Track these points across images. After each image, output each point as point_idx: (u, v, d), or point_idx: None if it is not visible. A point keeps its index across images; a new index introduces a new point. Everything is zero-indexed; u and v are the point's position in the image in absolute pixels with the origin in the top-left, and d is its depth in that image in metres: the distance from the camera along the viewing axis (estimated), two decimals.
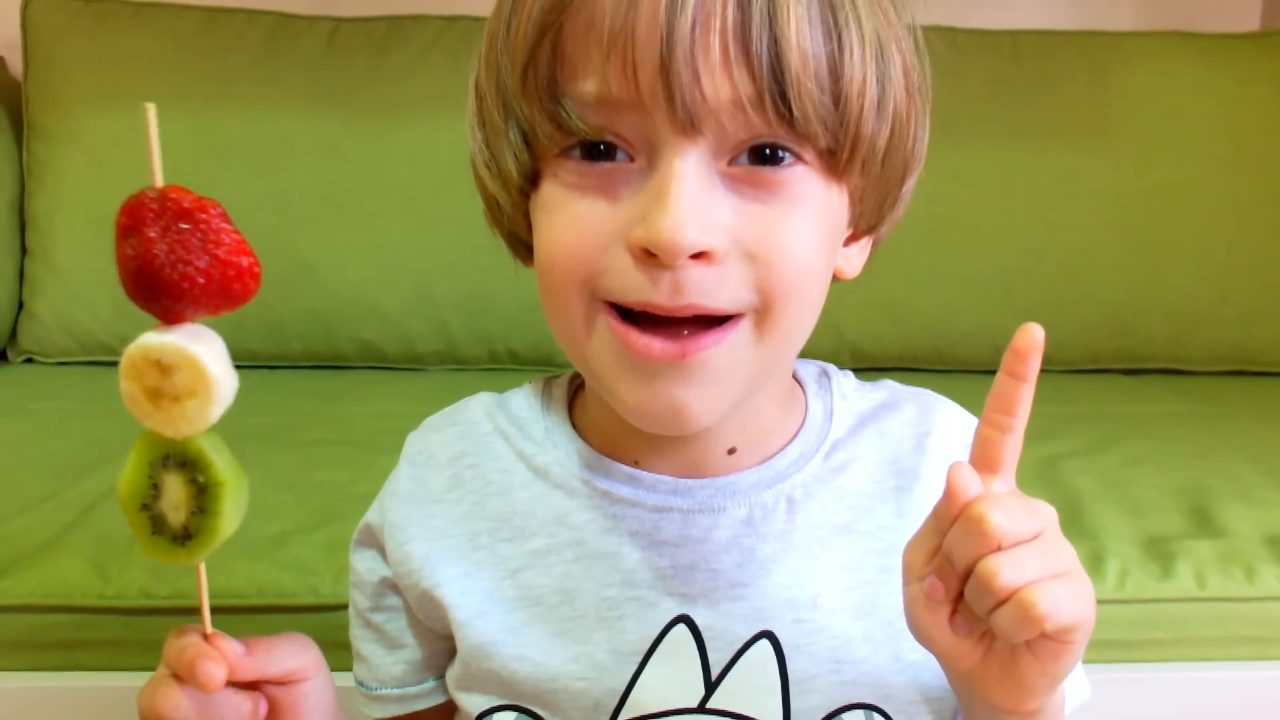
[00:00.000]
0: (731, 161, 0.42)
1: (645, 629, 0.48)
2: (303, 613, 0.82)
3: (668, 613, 0.48)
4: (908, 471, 0.51)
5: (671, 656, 0.48)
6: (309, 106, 1.36)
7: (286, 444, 1.06)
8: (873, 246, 0.52)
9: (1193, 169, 1.41)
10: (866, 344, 1.40)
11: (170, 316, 0.38)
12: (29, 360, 1.39)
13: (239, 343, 1.60)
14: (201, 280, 0.36)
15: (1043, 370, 1.58)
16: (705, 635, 0.48)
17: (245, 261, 0.37)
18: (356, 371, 1.38)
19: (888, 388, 0.55)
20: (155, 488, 0.39)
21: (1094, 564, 0.86)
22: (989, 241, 1.40)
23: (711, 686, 0.48)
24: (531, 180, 0.45)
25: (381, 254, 1.34)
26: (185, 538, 0.39)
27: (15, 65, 1.46)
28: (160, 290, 0.36)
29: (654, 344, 0.42)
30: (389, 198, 1.34)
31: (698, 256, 0.40)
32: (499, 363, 1.39)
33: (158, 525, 0.39)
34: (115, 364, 1.36)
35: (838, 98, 0.41)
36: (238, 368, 1.51)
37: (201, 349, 0.37)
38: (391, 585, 0.54)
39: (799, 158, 0.42)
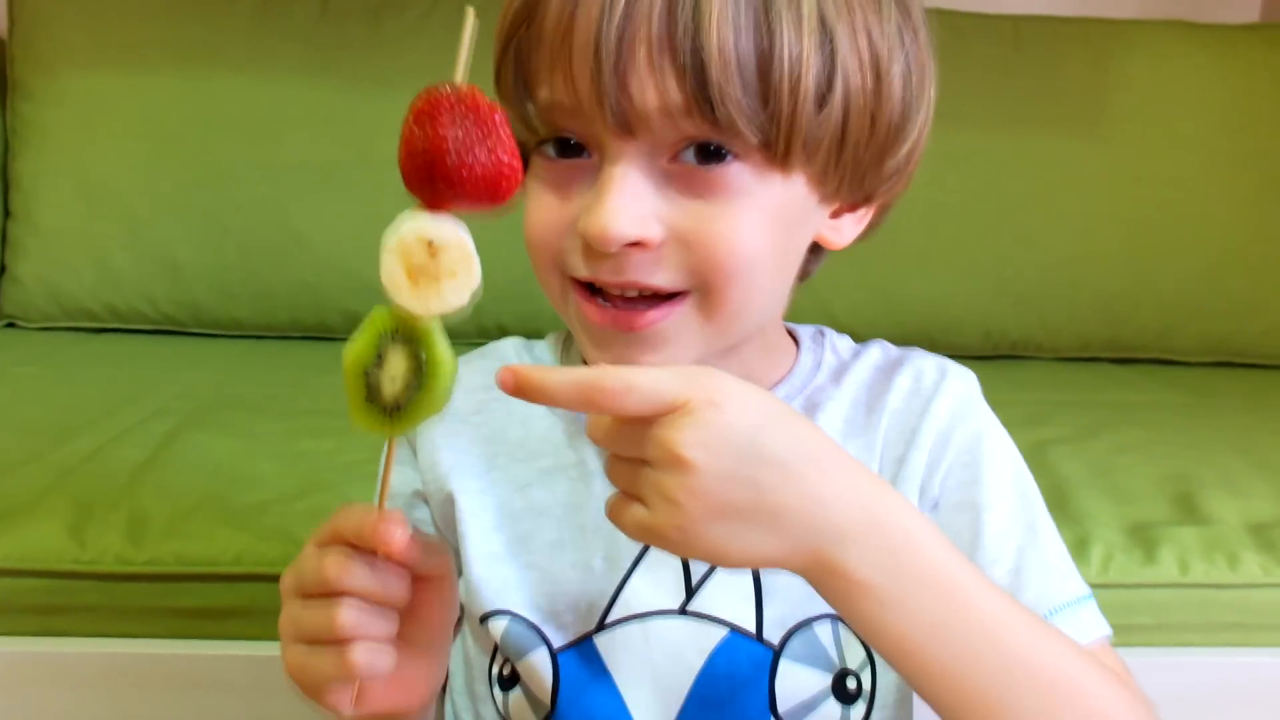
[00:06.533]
0: (674, 158, 0.45)
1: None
2: None
3: None
4: (897, 426, 0.54)
5: (657, 564, 0.53)
6: (302, 74, 1.35)
7: (272, 413, 1.05)
8: (878, 213, 0.53)
9: (1189, 160, 1.41)
10: (859, 328, 1.37)
11: (437, 203, 0.41)
12: (11, 325, 1.37)
13: (226, 311, 1.59)
14: (479, 173, 0.39)
15: (1033, 357, 1.58)
16: None
17: (515, 164, 0.40)
18: (343, 343, 1.37)
19: (880, 346, 0.59)
20: (380, 358, 0.42)
21: (1079, 549, 0.86)
22: (983, 228, 1.39)
23: (691, 592, 0.53)
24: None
25: (373, 225, 1.29)
26: (395, 409, 0.42)
27: (0, 23, 1.43)
28: (439, 175, 0.39)
29: (606, 314, 0.47)
30: (381, 168, 1.31)
31: (634, 244, 0.45)
32: (487, 337, 1.36)
33: (372, 393, 0.42)
34: (99, 330, 1.34)
35: (766, 97, 0.43)
36: (223, 337, 1.50)
37: (467, 235, 0.41)
38: (423, 498, 0.58)
39: (736, 153, 0.45)
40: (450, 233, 0.40)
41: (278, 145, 1.34)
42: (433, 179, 0.39)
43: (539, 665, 0.53)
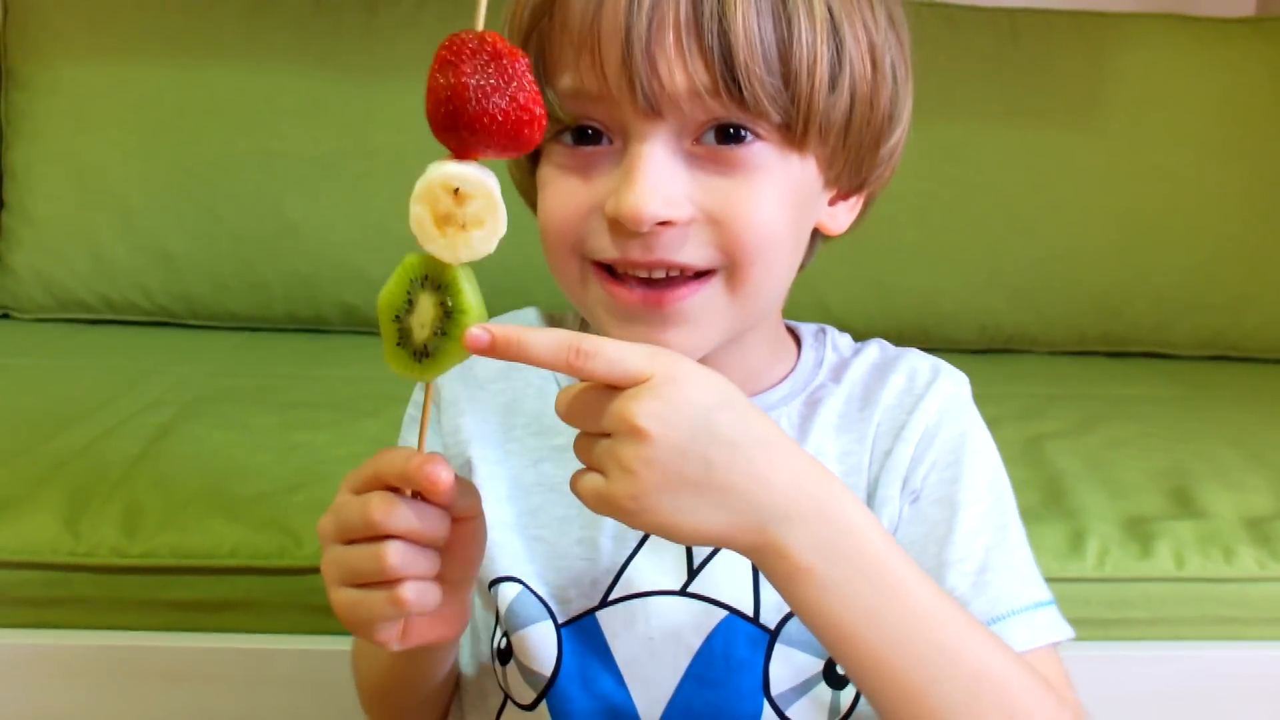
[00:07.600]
0: (697, 140, 0.47)
1: None
2: (279, 575, 0.81)
3: None
4: (888, 421, 0.56)
5: (661, 544, 0.54)
6: (296, 64, 1.34)
7: (267, 405, 1.05)
8: (866, 203, 0.56)
9: (1185, 153, 1.41)
10: (854, 321, 1.39)
11: (464, 150, 0.41)
12: (5, 316, 1.37)
13: (221, 304, 1.59)
14: (500, 118, 0.40)
15: (1029, 351, 1.58)
16: None
17: (537, 110, 0.40)
18: (339, 335, 1.37)
19: (879, 345, 0.60)
20: (410, 303, 0.43)
21: (1075, 543, 0.86)
22: (979, 221, 1.39)
23: (693, 573, 0.55)
24: (534, 158, 0.52)
25: (367, 216, 1.32)
26: (424, 355, 0.43)
27: None
28: (463, 122, 0.40)
29: (635, 293, 0.49)
30: (375, 159, 1.32)
31: (663, 224, 0.47)
32: None
33: (403, 338, 0.43)
34: (93, 321, 1.33)
35: (788, 79, 0.46)
36: (218, 328, 1.49)
37: (494, 183, 0.41)
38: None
39: (757, 134, 0.47)
40: (476, 180, 0.41)
41: (272, 136, 1.33)
42: (456, 126, 0.40)
43: (543, 638, 0.54)
